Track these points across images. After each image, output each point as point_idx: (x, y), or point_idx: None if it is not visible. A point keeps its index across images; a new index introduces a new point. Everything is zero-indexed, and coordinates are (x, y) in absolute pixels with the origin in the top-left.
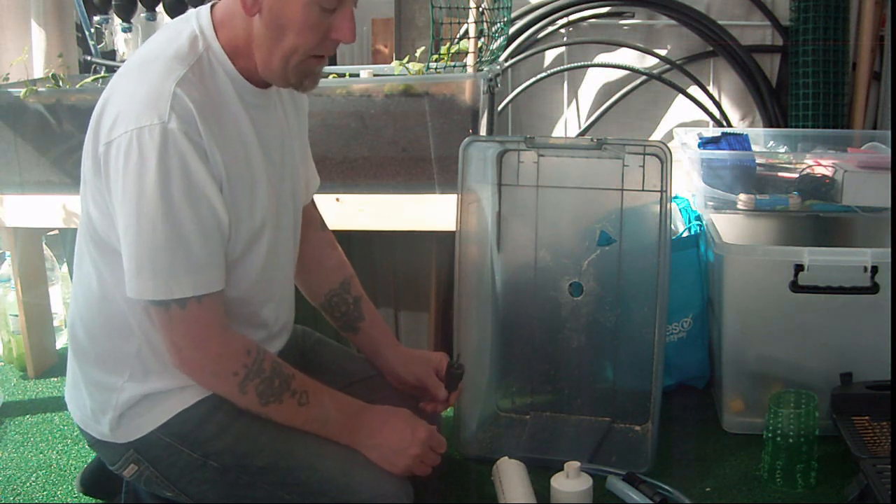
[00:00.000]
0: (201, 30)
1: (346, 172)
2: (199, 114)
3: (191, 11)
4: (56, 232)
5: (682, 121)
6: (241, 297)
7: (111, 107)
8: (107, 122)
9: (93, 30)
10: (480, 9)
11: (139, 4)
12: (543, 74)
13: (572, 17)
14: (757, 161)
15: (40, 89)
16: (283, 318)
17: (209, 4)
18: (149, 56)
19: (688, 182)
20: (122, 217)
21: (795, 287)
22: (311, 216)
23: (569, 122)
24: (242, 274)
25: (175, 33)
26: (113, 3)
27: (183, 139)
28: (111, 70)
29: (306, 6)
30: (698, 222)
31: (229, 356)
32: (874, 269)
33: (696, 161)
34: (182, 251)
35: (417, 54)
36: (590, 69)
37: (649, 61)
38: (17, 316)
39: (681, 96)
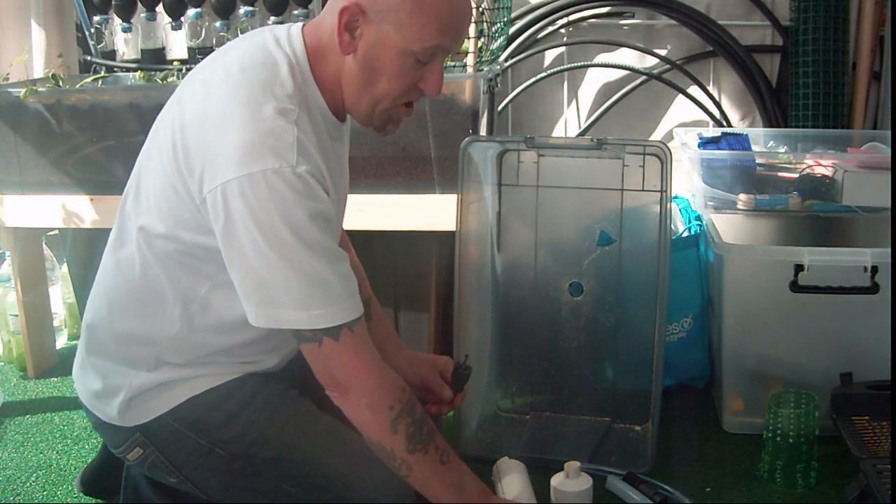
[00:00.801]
0: (297, 60)
1: None
2: (317, 154)
3: (280, 29)
4: (56, 232)
5: (682, 121)
6: None
7: (221, 146)
8: (218, 162)
9: (93, 30)
10: (480, 9)
11: (139, 4)
12: (543, 74)
13: (572, 17)
14: (757, 161)
15: (40, 89)
16: None
17: (299, 26)
18: (254, 96)
19: (688, 182)
20: (253, 256)
21: (795, 287)
22: None
23: (569, 122)
24: None
25: (272, 62)
26: (113, 3)
27: (313, 181)
28: (111, 70)
29: (402, 55)
30: (698, 222)
31: (387, 388)
32: (874, 269)
33: (696, 161)
34: (334, 279)
35: None
36: (590, 69)
37: (649, 61)
38: (17, 316)
39: (681, 96)
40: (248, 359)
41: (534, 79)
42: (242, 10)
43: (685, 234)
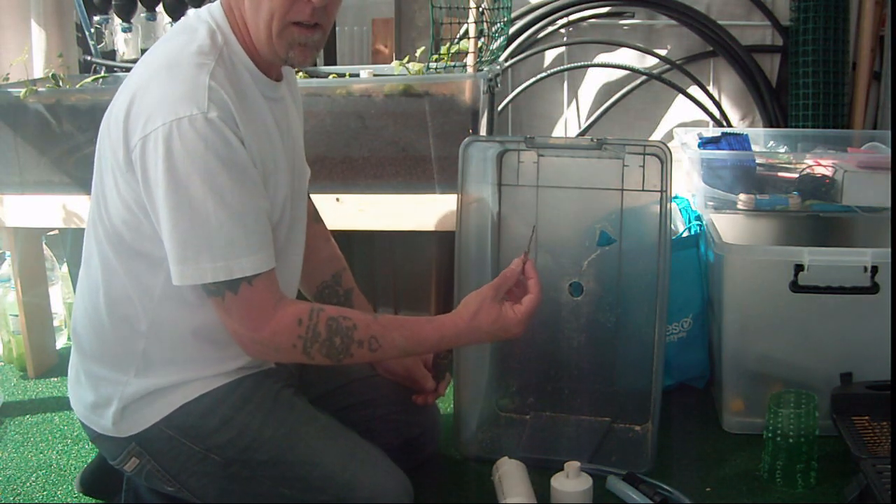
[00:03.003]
0: (217, 24)
1: (346, 172)
2: (233, 105)
3: (203, 9)
4: (56, 232)
5: (682, 121)
6: None
7: (141, 104)
8: (138, 120)
9: (93, 30)
10: (480, 9)
11: (139, 4)
12: (543, 74)
13: (572, 17)
14: (757, 161)
15: (40, 89)
16: None
17: (219, 0)
18: (172, 58)
19: (688, 182)
20: (166, 207)
21: (795, 287)
22: (307, 208)
23: (569, 122)
24: None
25: (192, 32)
26: (113, 3)
27: (225, 127)
28: (111, 70)
29: None
30: (698, 222)
31: (282, 333)
32: (874, 269)
33: (696, 161)
34: (239, 232)
35: (417, 54)
36: (590, 69)
37: (649, 61)
38: (17, 316)
39: (681, 96)
40: (235, 350)
41: (534, 79)
42: None
43: (685, 234)
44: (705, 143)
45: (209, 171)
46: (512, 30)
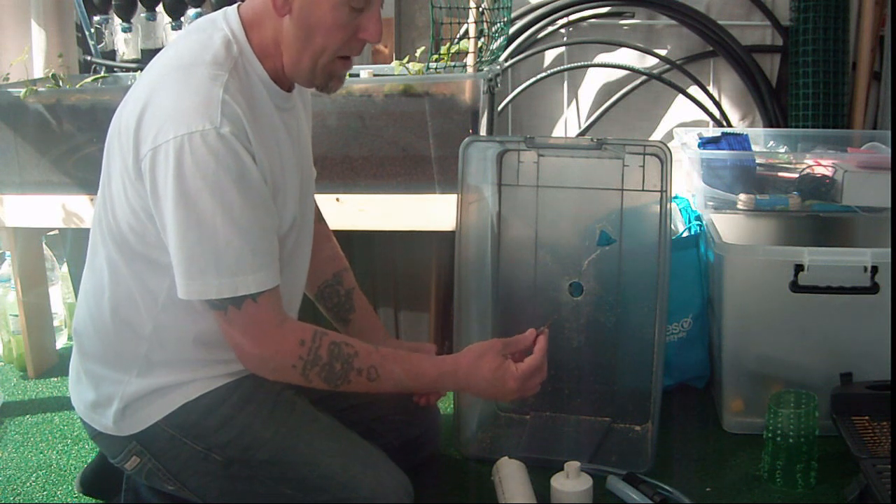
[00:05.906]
0: (233, 33)
1: (346, 172)
2: (246, 119)
3: (217, 13)
4: (56, 232)
5: (682, 121)
6: None
7: (153, 113)
8: (150, 128)
9: (93, 30)
10: (480, 9)
11: (139, 4)
12: (543, 74)
13: (572, 17)
14: (757, 161)
15: (40, 89)
16: (291, 313)
17: (236, 5)
18: (184, 62)
19: (688, 182)
20: (174, 221)
21: (795, 287)
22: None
23: (569, 122)
24: None
25: (206, 38)
26: (113, 3)
27: (237, 143)
28: (111, 70)
29: (336, 7)
30: (698, 222)
31: (284, 352)
32: (874, 269)
33: (696, 161)
34: (247, 249)
35: (417, 54)
36: (590, 69)
37: (649, 61)
38: (17, 316)
39: (681, 96)
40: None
41: (534, 79)
42: None
43: (685, 234)
44: (705, 143)
45: (219, 186)
46: (512, 30)
